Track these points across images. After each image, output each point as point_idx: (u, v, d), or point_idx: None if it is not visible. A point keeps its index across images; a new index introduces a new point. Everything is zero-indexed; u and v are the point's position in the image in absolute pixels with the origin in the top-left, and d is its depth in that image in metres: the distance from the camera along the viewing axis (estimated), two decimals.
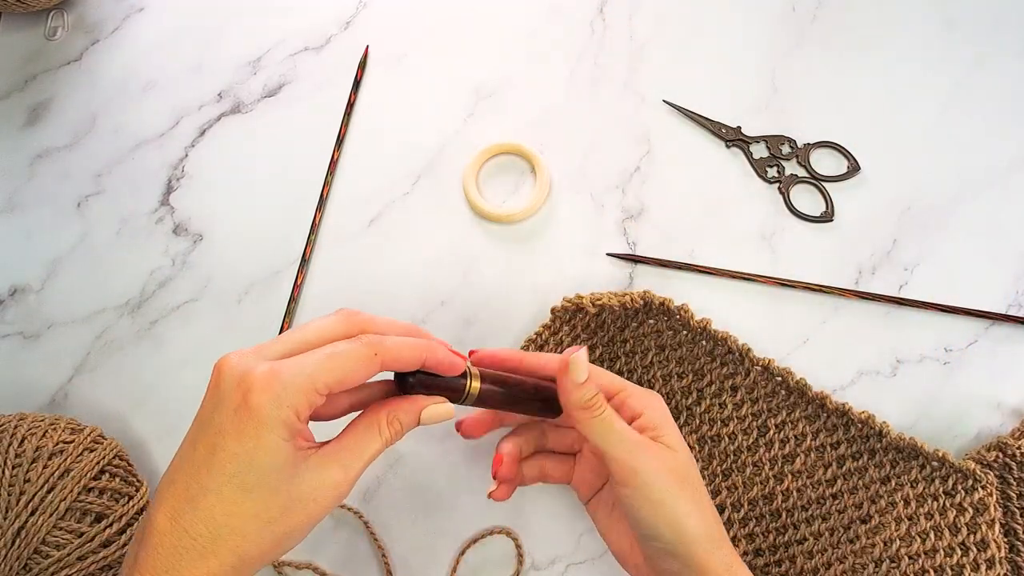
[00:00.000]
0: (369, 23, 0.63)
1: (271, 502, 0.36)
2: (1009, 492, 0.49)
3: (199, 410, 0.38)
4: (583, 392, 0.42)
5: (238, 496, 0.36)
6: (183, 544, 0.36)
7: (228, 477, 0.36)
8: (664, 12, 0.61)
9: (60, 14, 0.65)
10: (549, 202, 0.58)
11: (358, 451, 0.39)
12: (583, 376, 0.42)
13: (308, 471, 0.37)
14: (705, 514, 0.42)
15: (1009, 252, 0.55)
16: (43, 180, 0.61)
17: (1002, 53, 0.58)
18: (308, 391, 0.36)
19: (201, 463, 0.36)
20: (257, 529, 0.36)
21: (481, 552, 0.53)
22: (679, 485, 0.42)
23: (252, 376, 0.36)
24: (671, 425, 0.44)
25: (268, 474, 0.36)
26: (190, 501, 0.36)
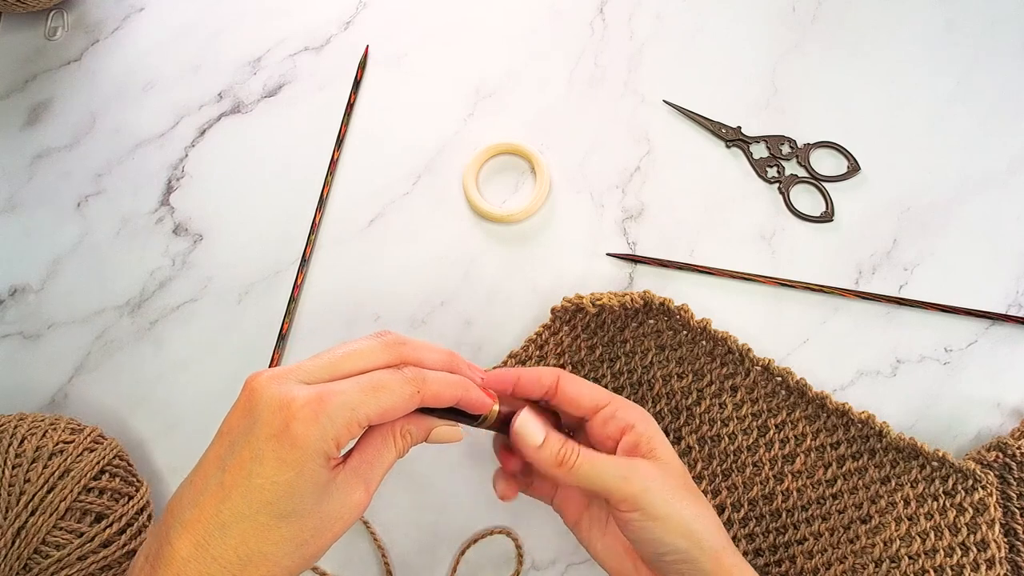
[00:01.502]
0: (369, 23, 0.63)
1: (304, 526, 0.36)
2: (1009, 492, 0.49)
3: (224, 428, 0.37)
4: (547, 452, 0.41)
5: (273, 522, 0.35)
6: (209, 571, 0.35)
7: (264, 504, 0.35)
8: (664, 12, 0.61)
9: (60, 14, 0.65)
10: (549, 202, 0.58)
11: (376, 464, 0.39)
12: (537, 440, 0.41)
13: (336, 491, 0.37)
14: (709, 517, 0.42)
15: (1009, 252, 0.55)
16: (43, 180, 0.61)
17: (1002, 53, 0.58)
18: (351, 424, 0.36)
19: (233, 488, 0.35)
20: (288, 553, 0.36)
21: (481, 552, 0.53)
22: (680, 494, 0.41)
23: (296, 404, 0.35)
24: (660, 436, 0.44)
25: (305, 501, 0.36)
26: (221, 528, 0.35)
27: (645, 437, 0.43)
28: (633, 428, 0.43)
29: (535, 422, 0.42)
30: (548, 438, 0.41)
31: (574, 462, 0.41)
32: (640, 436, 0.43)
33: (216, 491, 0.35)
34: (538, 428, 0.41)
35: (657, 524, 0.41)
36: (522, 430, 0.41)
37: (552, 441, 0.41)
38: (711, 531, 0.41)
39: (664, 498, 0.41)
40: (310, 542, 0.37)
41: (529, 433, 0.41)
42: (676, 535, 0.41)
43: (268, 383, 0.36)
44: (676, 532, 0.41)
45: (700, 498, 0.43)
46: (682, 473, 0.43)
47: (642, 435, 0.43)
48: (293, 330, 0.57)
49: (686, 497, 0.42)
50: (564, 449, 0.41)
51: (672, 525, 0.41)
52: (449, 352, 0.42)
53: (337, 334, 0.57)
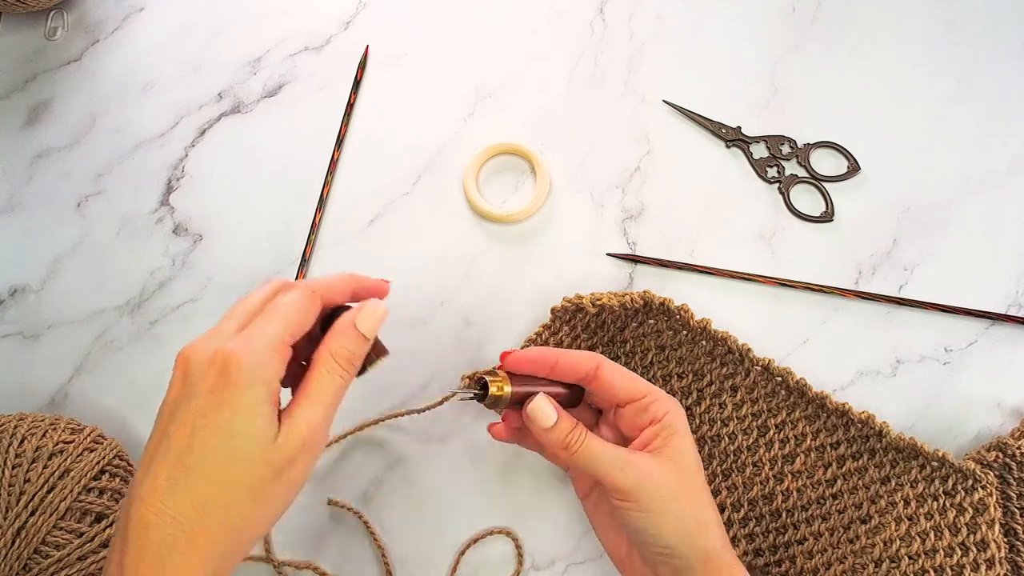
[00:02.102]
0: (369, 23, 0.63)
1: (257, 466, 0.36)
2: (1009, 492, 0.49)
3: (164, 406, 0.38)
4: (556, 435, 0.43)
5: (223, 467, 0.36)
6: (170, 533, 0.35)
7: (211, 451, 0.36)
8: (664, 12, 0.61)
9: (60, 14, 0.65)
10: (549, 202, 0.58)
11: (321, 394, 0.38)
12: (548, 423, 0.43)
13: (285, 431, 0.37)
14: (708, 517, 0.43)
15: (1009, 252, 0.55)
16: (43, 180, 0.61)
17: (1002, 53, 0.58)
18: (277, 346, 0.37)
19: (181, 448, 0.36)
20: (244, 499, 0.36)
21: (481, 552, 0.53)
22: (679, 491, 0.42)
23: (224, 351, 0.37)
24: (684, 433, 0.44)
25: (252, 439, 0.36)
26: (173, 487, 0.35)
27: (665, 433, 0.44)
28: (661, 420, 0.44)
29: (548, 406, 0.43)
30: (558, 423, 0.43)
31: (577, 448, 0.43)
32: (660, 430, 0.44)
33: (166, 456, 0.36)
34: (551, 412, 0.43)
35: (648, 517, 0.42)
36: (534, 413, 0.43)
37: (562, 426, 0.43)
38: (706, 532, 0.42)
39: (658, 493, 0.42)
40: (268, 485, 0.37)
41: (541, 417, 0.43)
42: (666, 530, 0.41)
43: (194, 349, 0.38)
44: (666, 527, 0.41)
45: (702, 498, 0.43)
46: (692, 472, 0.44)
47: (664, 427, 0.44)
48: None
49: (686, 495, 0.42)
50: (571, 435, 0.43)
51: (664, 520, 0.41)
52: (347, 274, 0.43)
53: None
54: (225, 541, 0.36)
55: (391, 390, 0.55)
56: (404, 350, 0.56)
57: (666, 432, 0.44)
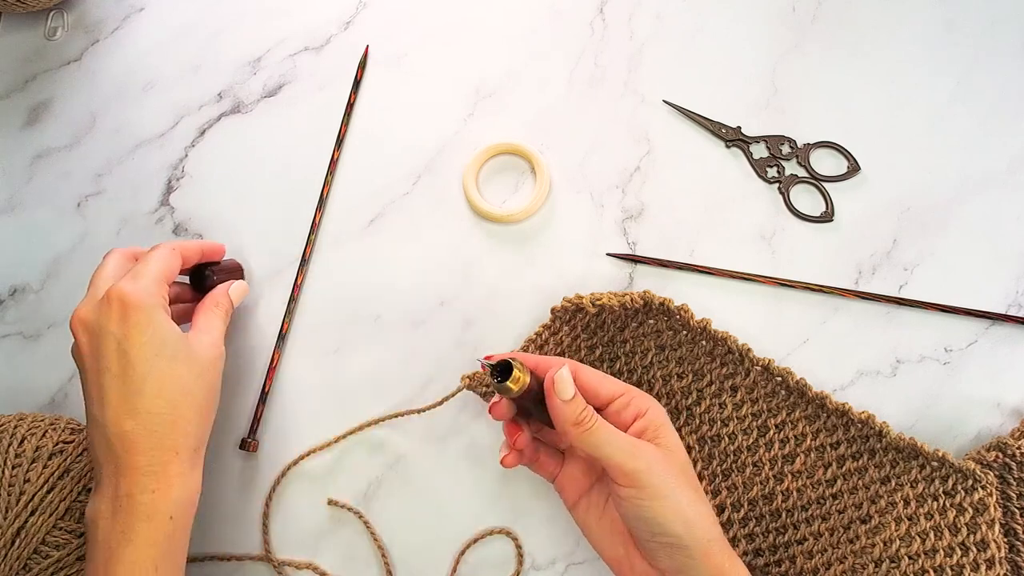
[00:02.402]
0: (369, 23, 0.63)
1: (191, 360, 0.46)
2: (1009, 492, 0.49)
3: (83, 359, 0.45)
4: (572, 408, 0.43)
5: (169, 364, 0.45)
6: (153, 425, 0.44)
7: (154, 355, 0.44)
8: (664, 12, 0.61)
9: (60, 14, 0.65)
10: (549, 202, 0.58)
11: (213, 325, 0.49)
12: (569, 394, 0.43)
13: (192, 339, 0.47)
14: (705, 509, 0.44)
15: (1009, 252, 0.55)
16: (43, 180, 0.61)
17: (1002, 53, 0.58)
18: (159, 279, 0.47)
19: (124, 369, 0.44)
20: (194, 382, 0.46)
21: (481, 552, 0.53)
22: (680, 481, 0.43)
23: (115, 289, 0.45)
24: (669, 426, 0.46)
25: (177, 342, 0.45)
26: (138, 392, 0.44)
27: (654, 424, 0.45)
28: (645, 415, 0.45)
29: (571, 378, 0.44)
30: (576, 397, 0.44)
31: (590, 426, 0.43)
32: (649, 423, 0.45)
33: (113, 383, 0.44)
34: (571, 384, 0.44)
35: (655, 504, 0.42)
36: (560, 381, 0.44)
37: (580, 401, 0.44)
38: (706, 522, 0.43)
39: (665, 480, 0.42)
40: (204, 374, 0.47)
41: (564, 386, 0.44)
42: (671, 518, 0.42)
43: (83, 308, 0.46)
44: (671, 515, 0.42)
45: (699, 491, 0.44)
46: (685, 464, 0.45)
47: (651, 422, 0.45)
48: (293, 330, 0.57)
49: (686, 486, 0.43)
50: (585, 411, 0.44)
51: (668, 507, 0.42)
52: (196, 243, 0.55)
53: (337, 334, 0.57)
54: (195, 418, 0.46)
55: (391, 390, 0.55)
56: (404, 350, 0.56)
57: (654, 426, 0.45)
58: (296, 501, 0.54)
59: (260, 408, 0.55)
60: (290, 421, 0.56)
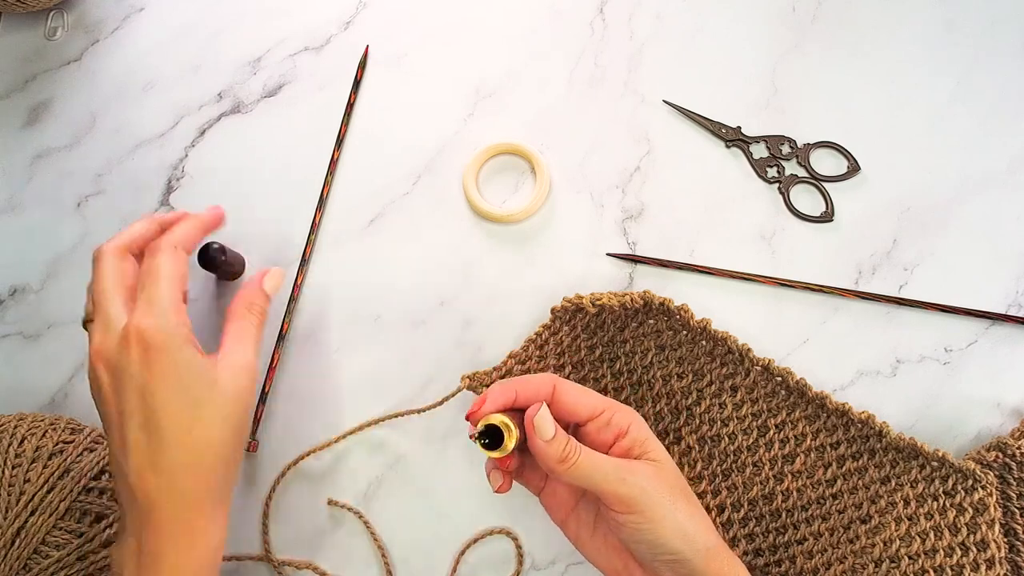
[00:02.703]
0: (369, 23, 0.63)
1: (218, 401, 0.43)
2: (1009, 492, 0.49)
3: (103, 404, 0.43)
4: (554, 448, 0.42)
5: (194, 411, 0.42)
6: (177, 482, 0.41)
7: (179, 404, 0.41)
8: (664, 12, 0.61)
9: (60, 14, 0.65)
10: (549, 202, 0.58)
11: (243, 334, 0.46)
12: (550, 434, 0.42)
13: (221, 367, 0.44)
14: (701, 516, 0.43)
15: (1009, 252, 0.55)
16: (43, 180, 0.61)
17: (1002, 53, 0.58)
18: (176, 304, 0.43)
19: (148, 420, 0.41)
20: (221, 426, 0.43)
21: (481, 552, 0.53)
22: (674, 495, 0.42)
23: (133, 327, 0.42)
24: (654, 438, 0.45)
25: (202, 382, 0.42)
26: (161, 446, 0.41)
27: (639, 441, 0.44)
28: (627, 433, 0.44)
29: (549, 416, 0.42)
30: (557, 434, 0.42)
31: (575, 460, 0.42)
32: (634, 440, 0.44)
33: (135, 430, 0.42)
34: (551, 423, 0.42)
35: (654, 526, 0.41)
36: (540, 422, 0.42)
37: (560, 438, 0.42)
38: (703, 531, 0.42)
39: (660, 500, 0.41)
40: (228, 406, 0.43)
41: (544, 427, 0.42)
42: (671, 536, 0.41)
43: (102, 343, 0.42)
44: (671, 533, 0.41)
45: (692, 498, 0.44)
46: (676, 475, 0.44)
47: (636, 439, 0.44)
48: (293, 330, 0.57)
49: (680, 498, 0.42)
50: (568, 447, 0.42)
51: (667, 526, 0.41)
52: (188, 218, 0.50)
53: (337, 334, 0.57)
54: (221, 468, 0.43)
55: (391, 390, 0.55)
56: (404, 350, 0.56)
57: (639, 441, 0.44)
58: (296, 501, 0.54)
59: (260, 408, 0.56)
60: (290, 421, 0.56)
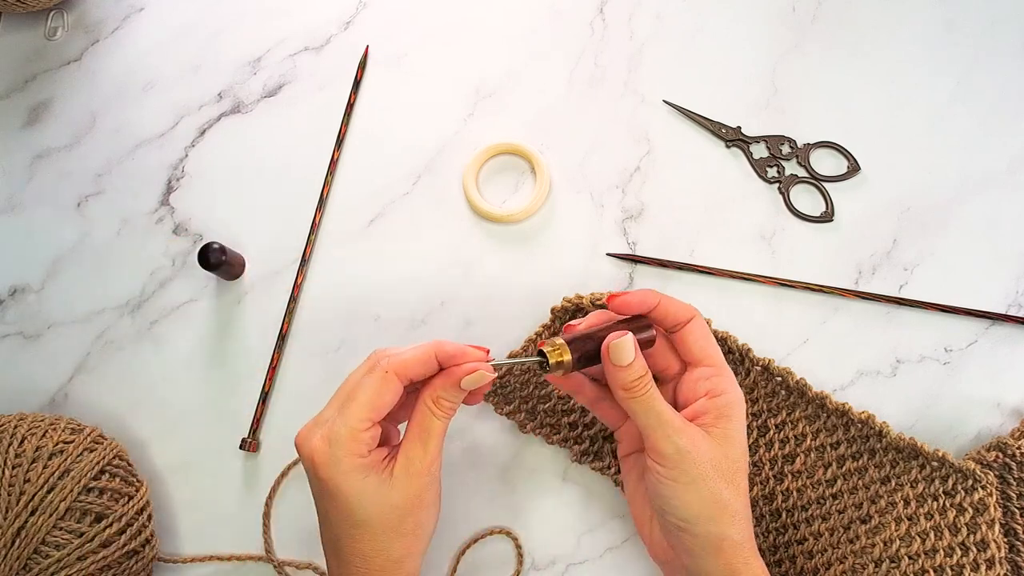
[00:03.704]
0: (369, 23, 0.63)
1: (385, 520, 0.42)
2: (1009, 492, 0.49)
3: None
4: (625, 375, 0.43)
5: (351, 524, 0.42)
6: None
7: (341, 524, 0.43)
8: (664, 12, 0.61)
9: (60, 14, 0.65)
10: (549, 202, 0.58)
11: (422, 435, 0.43)
12: (625, 360, 0.43)
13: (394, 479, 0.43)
14: (732, 505, 0.43)
15: (1009, 252, 0.55)
16: (43, 180, 0.61)
17: (1002, 53, 0.58)
18: (354, 437, 0.42)
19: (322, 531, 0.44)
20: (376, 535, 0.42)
21: (481, 552, 0.53)
22: (713, 474, 0.42)
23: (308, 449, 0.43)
24: (734, 421, 0.44)
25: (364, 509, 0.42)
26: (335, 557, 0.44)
27: (718, 410, 0.44)
28: (718, 397, 0.44)
29: (631, 345, 0.43)
30: (635, 362, 0.43)
31: (640, 394, 0.43)
32: (713, 407, 0.44)
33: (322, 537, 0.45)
34: (631, 350, 0.43)
35: (674, 487, 0.42)
36: (616, 349, 0.43)
37: (636, 366, 0.43)
38: (725, 518, 0.42)
39: (691, 467, 0.42)
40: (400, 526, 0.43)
41: (620, 354, 0.43)
42: (686, 504, 0.42)
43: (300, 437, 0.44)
44: (685, 501, 0.42)
45: (736, 487, 0.43)
46: (733, 459, 0.44)
47: (717, 406, 0.44)
48: (293, 330, 0.57)
49: (718, 479, 0.42)
50: (641, 380, 0.43)
51: (685, 493, 0.42)
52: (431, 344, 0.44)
53: (337, 334, 0.57)
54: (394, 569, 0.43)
55: None
56: None
57: (718, 411, 0.44)
58: (296, 501, 0.54)
59: (260, 408, 0.55)
60: (290, 421, 0.56)
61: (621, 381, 0.43)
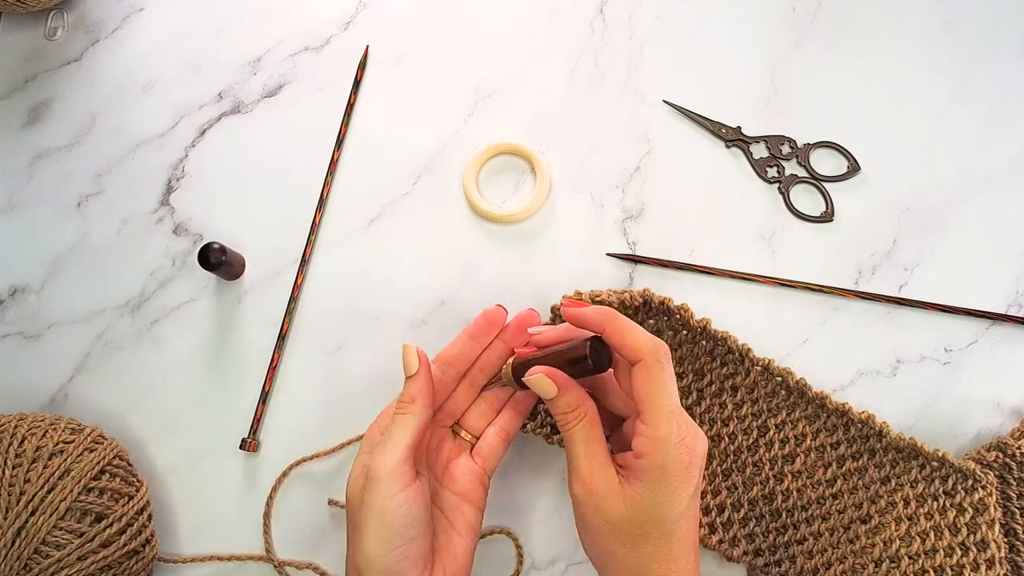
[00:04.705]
0: (369, 23, 0.63)
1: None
2: (1009, 492, 0.49)
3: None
4: (553, 406, 0.44)
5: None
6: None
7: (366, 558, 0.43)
8: (664, 12, 0.61)
9: (60, 14, 0.65)
10: (549, 202, 0.58)
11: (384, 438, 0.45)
12: (550, 394, 0.44)
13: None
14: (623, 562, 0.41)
15: (1009, 252, 0.55)
16: (43, 180, 0.61)
17: (1002, 53, 0.58)
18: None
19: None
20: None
21: (481, 552, 0.53)
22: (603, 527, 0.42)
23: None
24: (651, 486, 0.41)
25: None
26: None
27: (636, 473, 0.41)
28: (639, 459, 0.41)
29: (547, 383, 0.44)
30: (559, 397, 0.44)
31: (565, 428, 0.44)
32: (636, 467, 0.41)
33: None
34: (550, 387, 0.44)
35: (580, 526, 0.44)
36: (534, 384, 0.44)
37: (561, 401, 0.44)
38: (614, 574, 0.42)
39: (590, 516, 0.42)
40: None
41: (542, 388, 0.44)
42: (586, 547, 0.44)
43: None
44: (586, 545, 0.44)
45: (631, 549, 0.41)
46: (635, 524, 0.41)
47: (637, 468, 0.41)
48: (293, 330, 0.57)
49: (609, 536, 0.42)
50: (566, 416, 0.44)
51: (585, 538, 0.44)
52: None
53: (337, 334, 0.57)
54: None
55: (391, 390, 0.55)
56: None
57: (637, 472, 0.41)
58: (297, 501, 0.54)
59: (260, 408, 0.56)
60: (290, 421, 0.56)
61: (554, 414, 0.44)
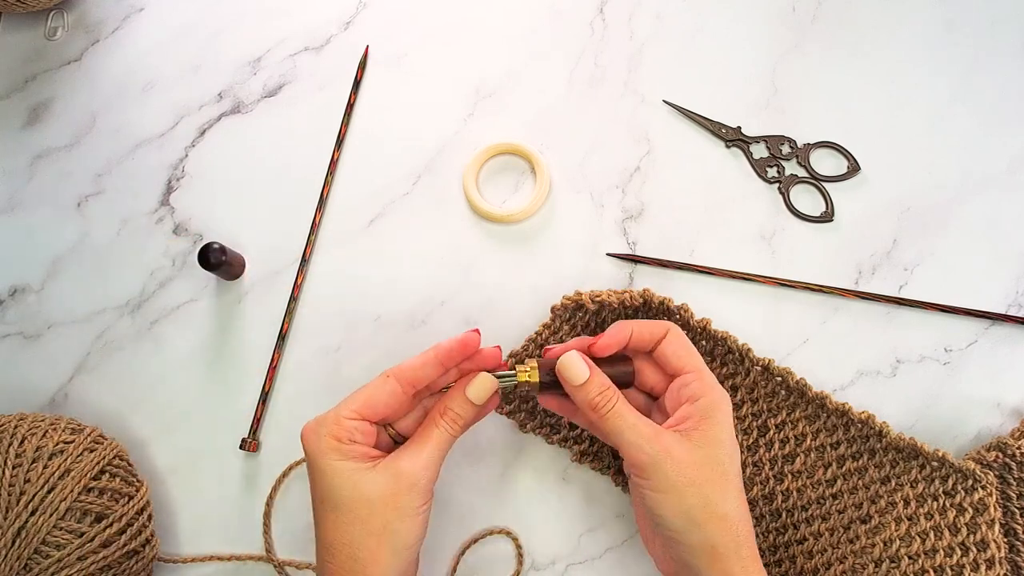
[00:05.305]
0: (369, 23, 0.63)
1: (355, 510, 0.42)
2: (1009, 492, 0.49)
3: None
4: (586, 392, 0.43)
5: (328, 507, 0.43)
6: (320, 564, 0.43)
7: (319, 506, 0.43)
8: (664, 12, 0.61)
9: (60, 14, 0.65)
10: (549, 202, 0.58)
11: (422, 442, 0.44)
12: (579, 380, 0.43)
13: (376, 472, 0.42)
14: (724, 510, 0.42)
15: (1009, 252, 0.55)
16: (43, 180, 0.61)
17: (1002, 53, 0.58)
18: (338, 421, 0.43)
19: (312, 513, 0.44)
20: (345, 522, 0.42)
21: (481, 552, 0.53)
22: (698, 476, 0.41)
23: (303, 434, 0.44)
24: (718, 422, 0.43)
25: (340, 491, 0.42)
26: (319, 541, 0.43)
27: (699, 415, 0.43)
28: (696, 402, 0.44)
29: (580, 362, 0.43)
30: (590, 379, 0.43)
31: (606, 412, 0.43)
32: (695, 411, 0.44)
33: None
34: (582, 368, 0.43)
35: (658, 497, 0.42)
36: (566, 367, 0.44)
37: (593, 383, 0.43)
38: (717, 524, 0.41)
39: (674, 476, 0.41)
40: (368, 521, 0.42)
41: (571, 372, 0.43)
42: (672, 514, 0.41)
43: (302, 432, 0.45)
44: (672, 510, 0.41)
45: (726, 491, 0.42)
46: (716, 462, 0.42)
47: (697, 411, 0.44)
48: (293, 330, 0.57)
49: (705, 483, 0.41)
50: (602, 395, 0.43)
51: (670, 501, 0.41)
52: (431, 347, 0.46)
53: (337, 334, 0.57)
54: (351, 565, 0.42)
55: None
56: (404, 350, 0.56)
57: (700, 414, 0.43)
58: (297, 501, 0.54)
59: (260, 408, 0.56)
60: (290, 421, 0.56)
61: (585, 400, 0.43)
